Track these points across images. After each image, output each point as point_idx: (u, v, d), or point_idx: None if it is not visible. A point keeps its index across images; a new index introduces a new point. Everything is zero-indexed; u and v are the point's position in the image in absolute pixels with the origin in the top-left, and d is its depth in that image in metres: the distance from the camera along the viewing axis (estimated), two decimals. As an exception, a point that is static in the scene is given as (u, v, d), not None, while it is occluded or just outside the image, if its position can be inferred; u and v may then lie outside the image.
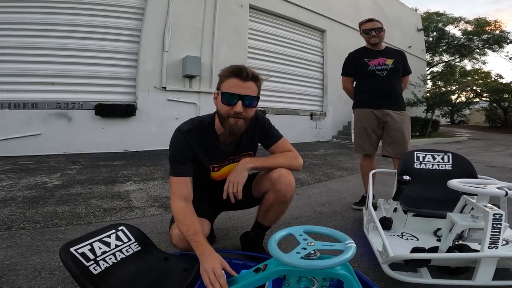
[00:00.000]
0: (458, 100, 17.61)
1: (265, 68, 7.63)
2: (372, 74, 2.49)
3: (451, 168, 1.93)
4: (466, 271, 1.40)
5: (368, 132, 2.53)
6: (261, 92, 1.40)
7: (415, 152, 2.02)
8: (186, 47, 6.39)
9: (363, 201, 2.54)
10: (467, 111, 24.25)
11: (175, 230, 1.30)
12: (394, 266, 1.37)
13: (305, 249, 0.82)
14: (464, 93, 20.02)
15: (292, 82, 8.58)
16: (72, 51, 5.40)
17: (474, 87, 20.16)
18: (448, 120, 25.25)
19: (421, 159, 1.99)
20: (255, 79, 1.30)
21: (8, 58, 4.98)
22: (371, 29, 2.50)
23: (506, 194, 1.23)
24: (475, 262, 1.25)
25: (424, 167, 1.96)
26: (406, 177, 1.61)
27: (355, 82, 2.70)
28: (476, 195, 1.35)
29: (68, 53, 5.37)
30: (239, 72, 1.26)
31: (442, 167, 1.95)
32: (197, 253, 1.14)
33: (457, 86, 16.99)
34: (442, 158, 1.98)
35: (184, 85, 6.43)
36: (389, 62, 2.47)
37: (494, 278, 1.23)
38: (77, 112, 5.38)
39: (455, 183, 1.38)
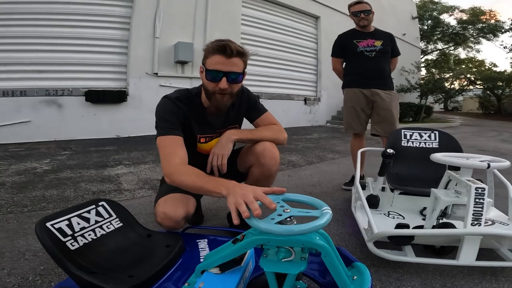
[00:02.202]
0: (451, 86, 17.65)
1: (259, 54, 7.54)
2: (361, 55, 2.52)
3: (437, 146, 1.94)
4: (451, 251, 1.40)
5: (357, 111, 2.55)
6: (255, 78, 1.40)
7: (403, 130, 2.02)
8: (178, 34, 6.30)
9: (353, 181, 2.55)
10: (460, 97, 24.34)
11: (160, 208, 1.27)
12: (381, 246, 1.38)
13: (280, 215, 0.80)
14: (458, 81, 20.09)
15: (286, 67, 8.53)
16: (61, 39, 5.31)
17: (468, 75, 20.21)
18: (442, 107, 25.39)
19: (408, 137, 1.99)
20: (240, 54, 1.28)
21: None
22: (360, 11, 2.51)
23: (488, 166, 1.23)
24: (460, 242, 1.25)
25: (412, 145, 1.96)
26: (390, 151, 1.61)
27: (344, 63, 2.72)
28: (460, 170, 1.35)
29: (57, 41, 5.28)
30: (223, 49, 1.23)
31: (428, 145, 1.95)
32: (222, 191, 0.96)
33: (451, 74, 17.02)
34: (429, 136, 1.99)
35: (176, 71, 6.38)
36: (378, 43, 2.50)
37: (481, 259, 1.22)
38: (67, 99, 5.33)
39: (438, 156, 1.39)
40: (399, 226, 1.30)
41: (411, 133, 2.01)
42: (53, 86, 5.24)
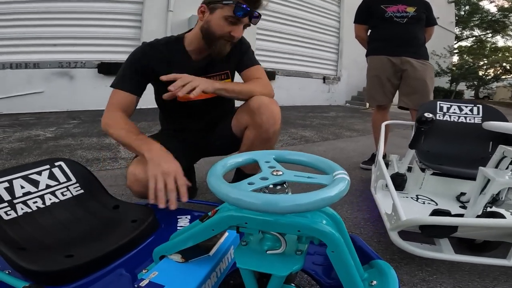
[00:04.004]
0: (485, 73, 16.62)
1: (277, 30, 7.23)
2: (390, 21, 2.15)
3: (480, 122, 1.59)
4: (496, 247, 1.10)
5: (382, 80, 2.20)
6: (273, 54, 1.23)
7: (438, 102, 1.68)
8: (192, 7, 6.01)
9: (372, 159, 2.25)
10: (494, 84, 23.00)
11: (130, 168, 1.07)
12: (404, 237, 1.08)
13: (266, 179, 0.51)
14: (492, 69, 18.85)
15: (305, 45, 8.08)
16: (75, 13, 5.21)
17: (504, 64, 18.92)
18: (472, 94, 24.17)
19: (445, 109, 1.65)
20: None
21: (9, 23, 4.82)
22: None
23: None
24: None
25: (449, 119, 1.62)
26: (428, 115, 1.28)
27: (369, 31, 2.36)
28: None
29: (71, 16, 5.19)
30: None
31: (470, 119, 1.60)
32: (144, 152, 0.95)
33: (485, 61, 15.98)
34: (471, 110, 1.64)
35: (190, 44, 6.19)
36: (411, 9, 2.12)
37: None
38: (79, 71, 5.30)
39: (496, 124, 1.07)
40: (437, 212, 0.99)
41: (448, 106, 1.66)
42: (67, 58, 5.21)
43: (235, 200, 0.45)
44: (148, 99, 1.33)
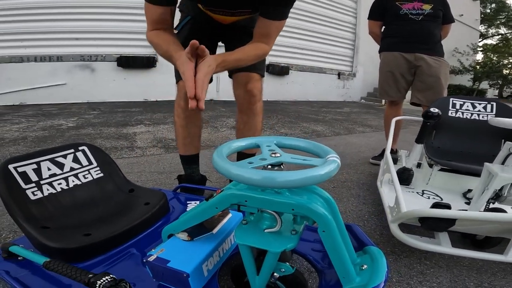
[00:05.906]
0: (510, 72, 16.00)
1: (293, 26, 7.17)
2: (405, 18, 2.13)
3: (493, 119, 1.58)
4: (497, 243, 1.10)
5: (396, 76, 2.19)
6: (285, 49, 1.11)
7: (451, 99, 1.66)
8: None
9: (383, 154, 2.24)
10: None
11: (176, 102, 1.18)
12: (407, 231, 1.10)
13: (264, 159, 0.57)
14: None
15: (320, 40, 8.02)
16: (97, 8, 5.41)
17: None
18: (496, 94, 23.32)
19: (457, 106, 1.63)
20: None
21: (33, 17, 5.04)
22: None
23: None
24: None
25: (461, 116, 1.61)
26: (434, 110, 1.28)
27: (384, 27, 2.34)
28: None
29: (92, 10, 5.39)
30: None
31: (483, 117, 1.59)
32: (177, 63, 0.89)
33: (510, 60, 15.39)
34: (485, 107, 1.61)
35: (206, 37, 6.25)
36: (427, 7, 2.09)
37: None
38: (100, 64, 5.50)
39: (500, 119, 1.07)
40: (436, 205, 1.00)
41: (461, 103, 1.65)
42: (88, 52, 5.42)
43: (236, 175, 0.50)
44: (165, 91, 1.36)
